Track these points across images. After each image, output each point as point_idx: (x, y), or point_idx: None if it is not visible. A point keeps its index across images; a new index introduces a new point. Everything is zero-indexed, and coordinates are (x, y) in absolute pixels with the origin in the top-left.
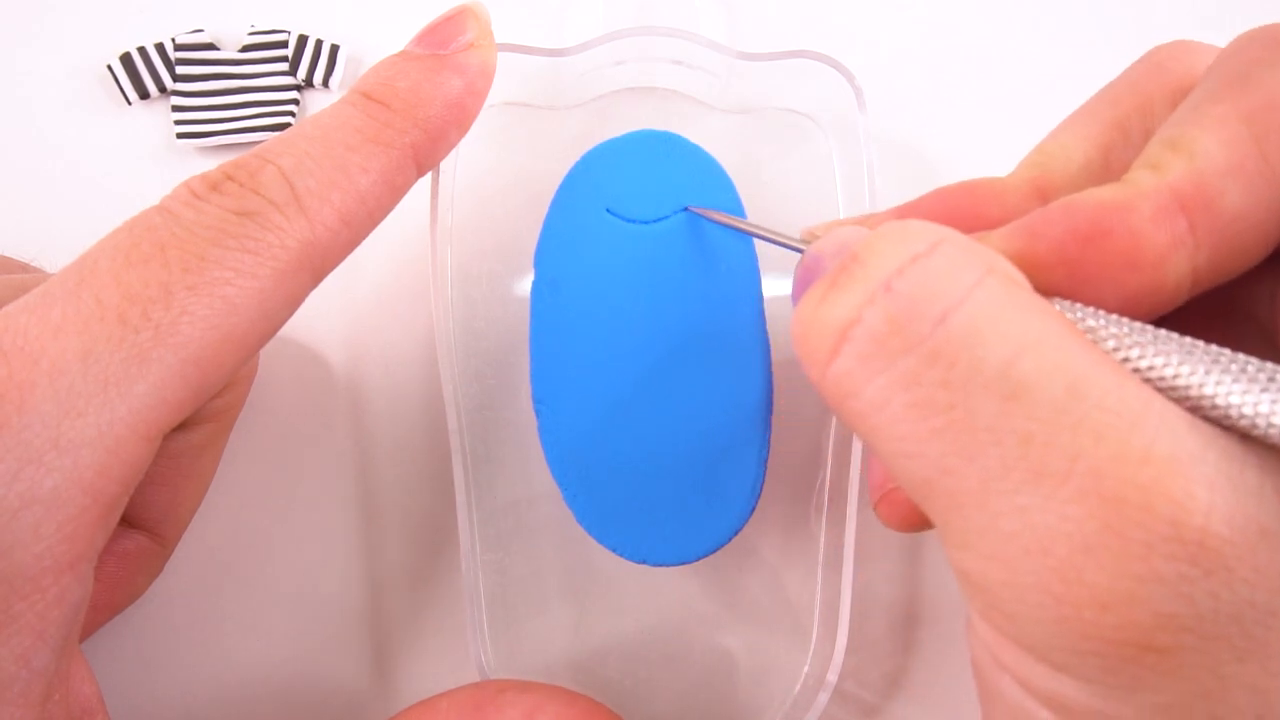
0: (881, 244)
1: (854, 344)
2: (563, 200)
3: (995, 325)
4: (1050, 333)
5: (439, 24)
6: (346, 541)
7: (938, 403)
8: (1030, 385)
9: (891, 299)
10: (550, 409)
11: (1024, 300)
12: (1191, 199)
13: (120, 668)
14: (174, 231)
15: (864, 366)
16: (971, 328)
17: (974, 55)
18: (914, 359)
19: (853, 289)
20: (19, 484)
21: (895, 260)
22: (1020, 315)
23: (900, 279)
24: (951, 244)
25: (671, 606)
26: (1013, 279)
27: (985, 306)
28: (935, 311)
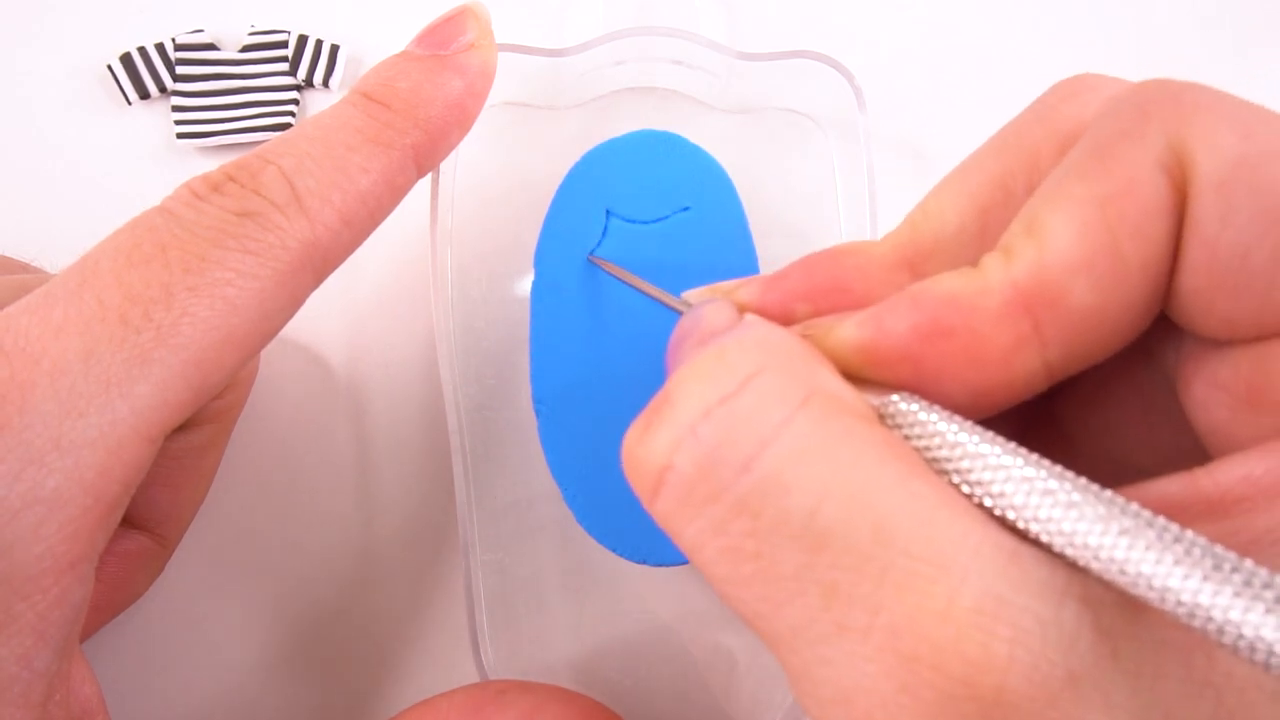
0: (690, 384)
1: (669, 489)
2: (563, 200)
3: (799, 470)
4: (861, 469)
5: (439, 24)
6: (346, 541)
7: (745, 551)
8: (835, 533)
9: (697, 445)
10: (550, 409)
11: (837, 433)
12: (1035, 297)
13: (120, 668)
14: (175, 232)
15: (680, 510)
16: (774, 476)
17: (974, 55)
18: (721, 508)
19: (663, 431)
20: (20, 484)
21: (702, 402)
22: (829, 453)
23: (705, 423)
24: (767, 375)
25: (671, 606)
26: (831, 405)
27: (791, 450)
28: (739, 458)
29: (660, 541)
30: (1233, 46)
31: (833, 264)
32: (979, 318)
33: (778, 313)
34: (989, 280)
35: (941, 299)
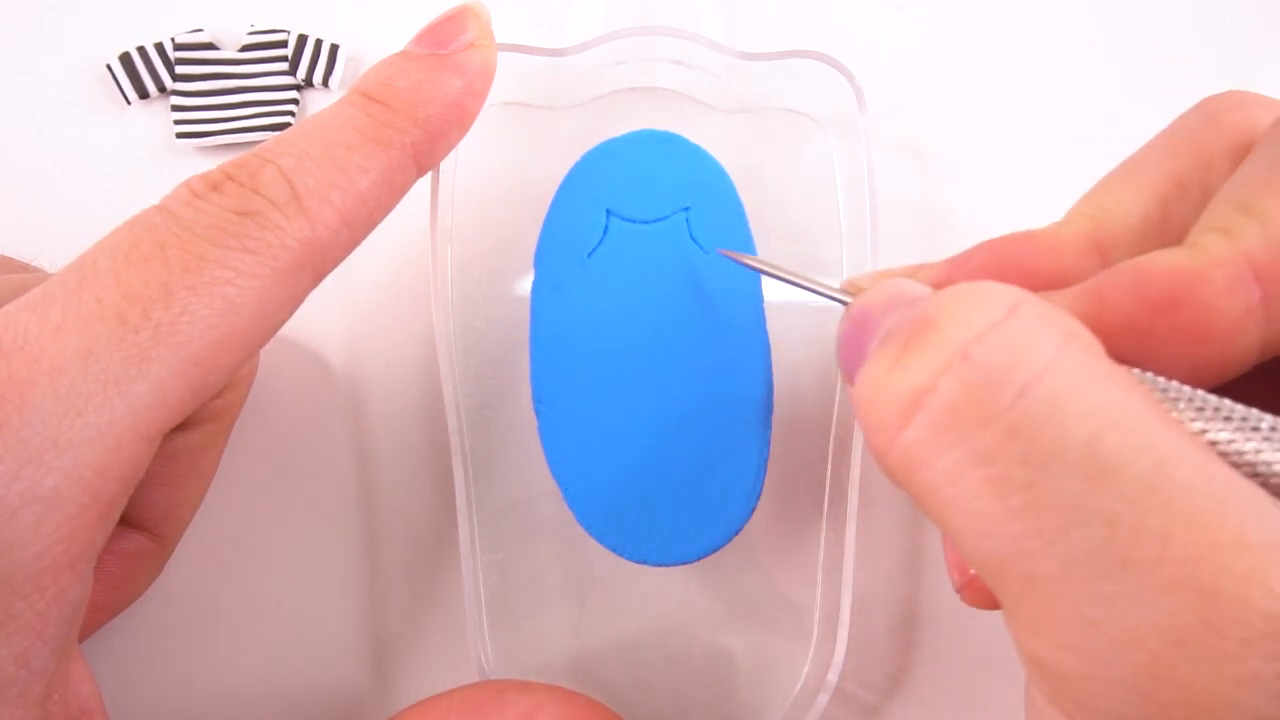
0: (957, 308)
1: (927, 414)
2: (563, 200)
3: (1078, 399)
4: (1134, 407)
5: (439, 24)
6: (346, 541)
7: (1016, 480)
8: (1116, 463)
9: (969, 368)
10: (550, 409)
11: (1105, 371)
12: (1267, 269)
13: (120, 668)
14: (174, 231)
15: (937, 438)
16: (1053, 401)
17: (974, 55)
18: (992, 433)
19: (927, 355)
20: (19, 483)
21: (973, 326)
22: (1103, 388)
23: (978, 346)
24: (1029, 309)
25: (671, 606)
26: (1092, 347)
27: (1067, 378)
28: (1015, 383)
29: (660, 541)
30: (1233, 46)
31: (1021, 246)
32: (1211, 289)
33: None
34: (1216, 253)
35: (1171, 270)
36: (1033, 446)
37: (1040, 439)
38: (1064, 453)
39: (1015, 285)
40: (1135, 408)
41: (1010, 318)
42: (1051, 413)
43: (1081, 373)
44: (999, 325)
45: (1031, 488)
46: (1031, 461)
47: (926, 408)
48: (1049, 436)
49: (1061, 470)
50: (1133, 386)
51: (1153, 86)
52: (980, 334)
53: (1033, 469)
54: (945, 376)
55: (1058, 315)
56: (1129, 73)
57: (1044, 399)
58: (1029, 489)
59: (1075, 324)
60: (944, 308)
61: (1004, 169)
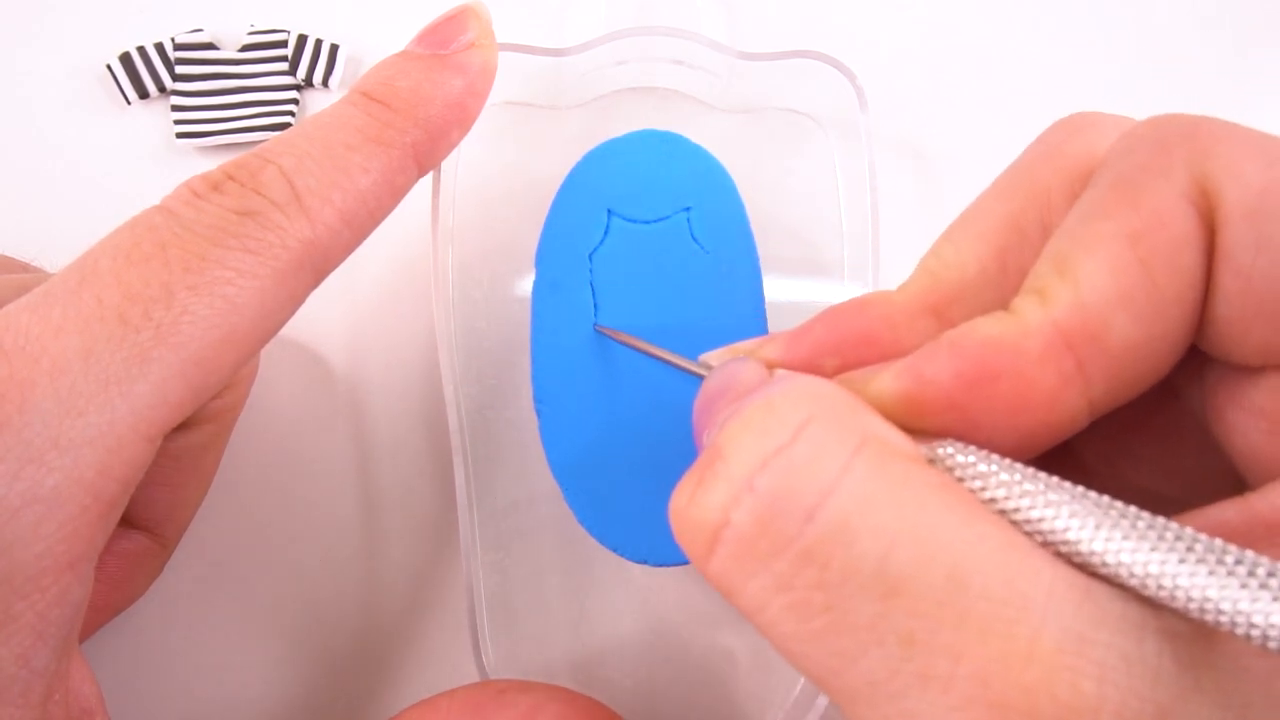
0: (742, 437)
1: (726, 546)
2: (564, 200)
3: (866, 516)
4: (927, 512)
5: (440, 24)
6: (346, 541)
7: (814, 605)
8: (908, 579)
9: (756, 498)
10: (551, 409)
11: (897, 476)
12: (1078, 335)
13: (120, 668)
14: (175, 231)
15: (740, 568)
16: (841, 523)
17: (975, 55)
18: (785, 561)
19: (717, 488)
20: (20, 483)
21: (757, 454)
22: (893, 498)
23: (763, 475)
24: (818, 423)
25: (671, 606)
26: (886, 449)
27: (854, 496)
28: (802, 509)
29: (660, 541)
30: (1233, 46)
31: (856, 315)
32: (1024, 360)
33: (805, 368)
34: (1029, 322)
35: (983, 343)
36: (826, 571)
37: (832, 563)
38: (857, 574)
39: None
40: (930, 514)
41: (795, 440)
42: (840, 535)
43: (870, 487)
44: (784, 450)
45: (830, 610)
46: (826, 586)
47: (724, 540)
48: (840, 559)
49: (856, 592)
50: (930, 487)
51: (1153, 86)
52: (765, 461)
53: (829, 593)
54: (736, 509)
55: (854, 419)
56: (1129, 72)
57: (831, 521)
58: (828, 612)
59: (873, 423)
60: (732, 438)
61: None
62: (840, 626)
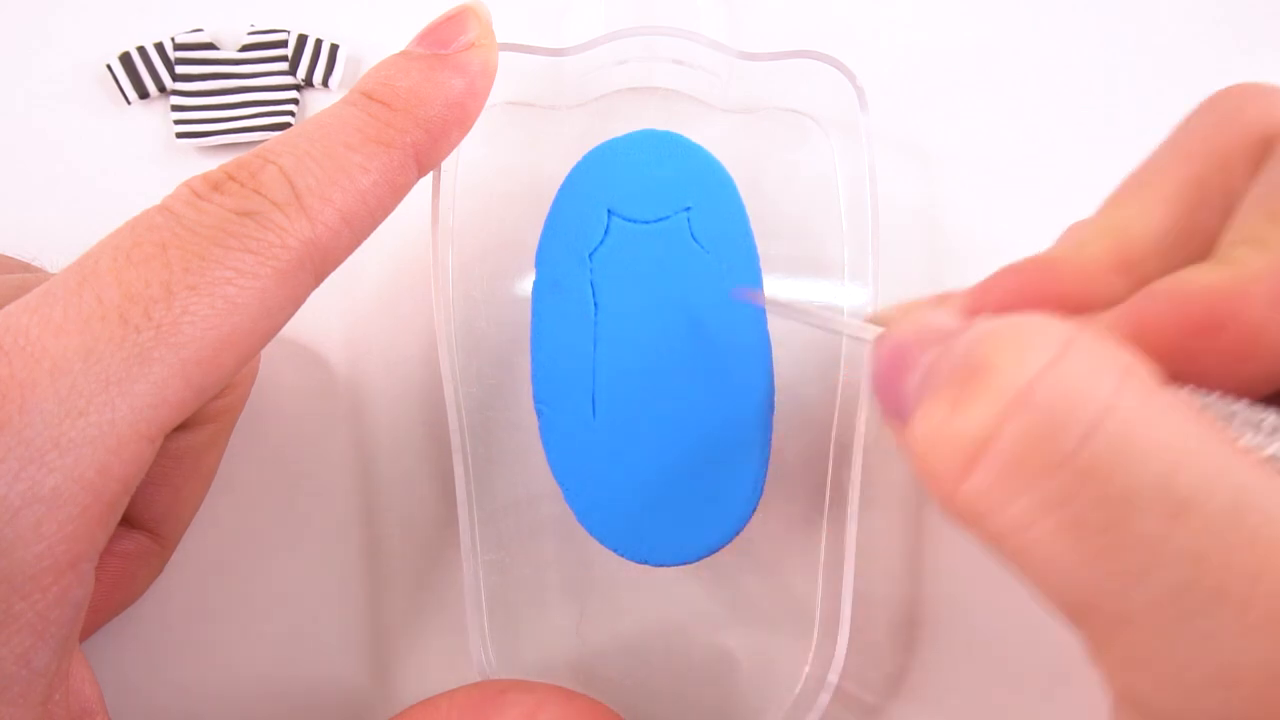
0: (1009, 350)
1: (992, 461)
2: (564, 200)
3: (1146, 436)
4: (1203, 439)
5: (440, 23)
6: (346, 541)
7: (1094, 523)
8: (1194, 500)
9: (1031, 412)
10: (551, 409)
11: (1168, 403)
12: None
13: (120, 668)
14: (175, 231)
15: (1005, 485)
16: (1122, 441)
17: (976, 55)
18: (1063, 477)
19: (986, 400)
20: (20, 483)
21: (1029, 367)
22: (1169, 422)
23: (1037, 389)
24: (1083, 344)
25: (671, 606)
26: (1150, 379)
27: (1131, 415)
28: (1081, 424)
29: (660, 541)
30: (1235, 45)
31: (1043, 271)
32: (1253, 306)
33: None
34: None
35: (1206, 291)
36: (1107, 488)
37: (1114, 480)
38: (1140, 492)
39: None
40: (1204, 439)
41: (1066, 355)
42: (1121, 452)
43: (1145, 408)
44: (1055, 364)
45: (1111, 530)
46: (1108, 503)
47: (991, 454)
48: (1122, 477)
49: (1139, 510)
50: (1196, 417)
51: (1155, 85)
52: (1039, 375)
53: (1110, 511)
54: (1007, 423)
55: (1111, 348)
56: (1131, 71)
57: (1112, 439)
58: (1108, 531)
59: (1129, 355)
60: (997, 349)
61: (1006, 169)
62: (1122, 545)
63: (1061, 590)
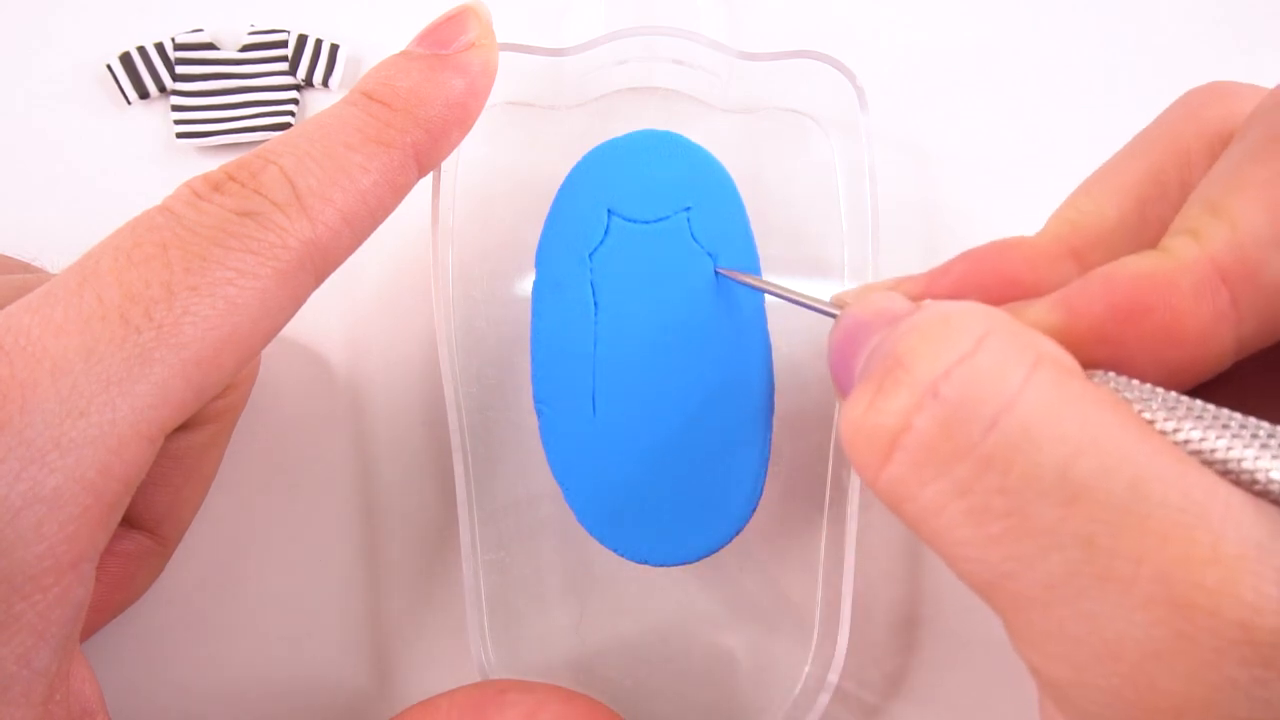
0: (925, 344)
1: (905, 451)
2: (564, 200)
3: (1049, 425)
4: (1106, 426)
5: (440, 24)
6: (346, 541)
7: (995, 509)
8: (1090, 486)
9: (940, 404)
10: (551, 409)
11: (1076, 391)
12: (1234, 271)
13: (120, 668)
14: (176, 231)
15: (917, 473)
16: (1024, 430)
17: (976, 55)
18: (967, 466)
19: (899, 394)
20: (21, 483)
21: (941, 361)
22: (1073, 410)
23: (947, 382)
24: (997, 336)
25: (671, 606)
26: (1062, 366)
27: (1037, 405)
28: (986, 415)
29: (660, 541)
30: (1235, 46)
31: (998, 256)
32: (1178, 294)
33: None
34: (1183, 257)
35: (1137, 277)
36: (1008, 477)
37: (1014, 469)
38: (1039, 480)
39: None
40: (1108, 427)
41: (978, 349)
42: (1023, 442)
43: (1051, 398)
44: (967, 358)
45: (1010, 515)
46: (1008, 491)
47: (904, 446)
48: (1022, 465)
49: (1037, 497)
50: (1106, 404)
51: (1155, 85)
52: (949, 369)
53: (1010, 498)
54: (918, 414)
55: (1027, 337)
56: (1131, 71)
57: (1015, 429)
58: (1008, 517)
59: (1045, 344)
60: (912, 346)
61: (1006, 169)
62: (1020, 531)
63: (970, 571)
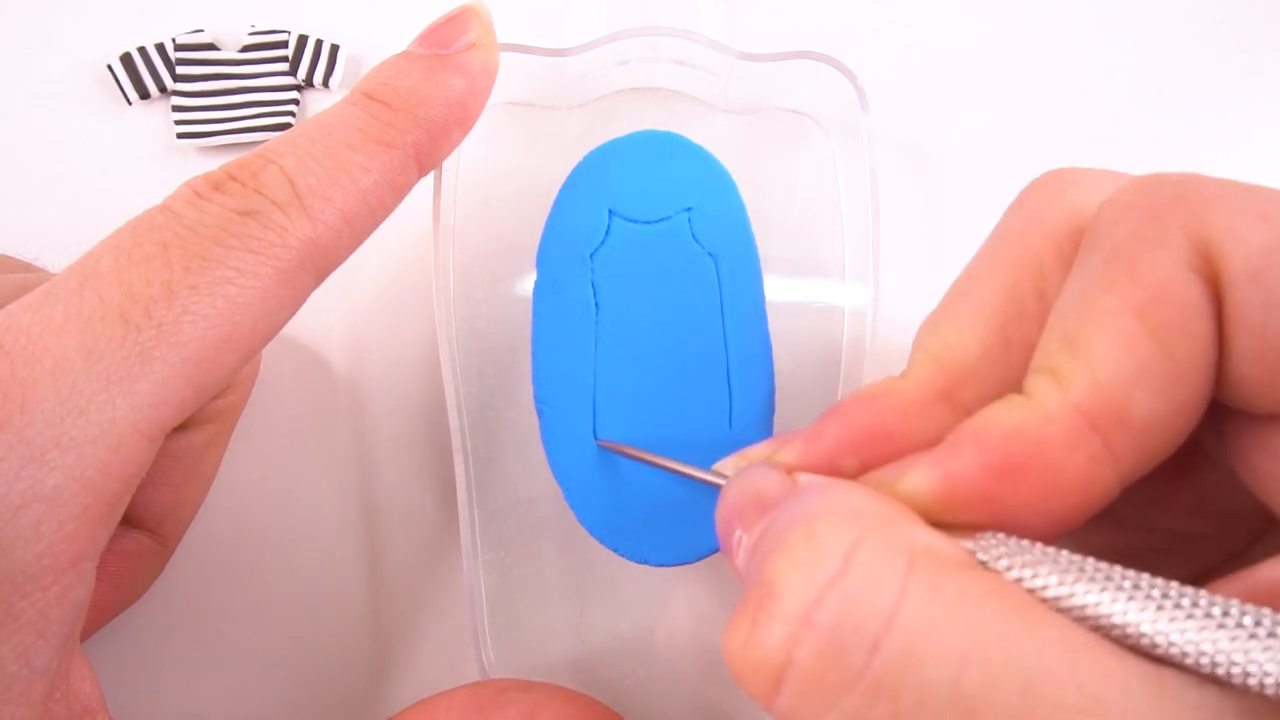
0: (793, 571)
1: (791, 685)
2: (565, 200)
3: (930, 640)
4: (989, 626)
5: (441, 24)
6: (347, 541)
7: None
8: (983, 699)
9: (817, 634)
10: (552, 409)
11: (955, 592)
12: (1100, 416)
13: (120, 668)
14: (176, 231)
15: (808, 705)
16: (907, 649)
17: (976, 55)
18: (856, 696)
19: (773, 629)
20: (21, 482)
21: (810, 589)
22: (954, 617)
23: (820, 610)
24: (865, 545)
25: (671, 606)
26: (938, 563)
27: (916, 619)
28: (866, 639)
29: (660, 541)
30: (1235, 46)
31: (867, 410)
32: (1050, 448)
33: (824, 470)
34: (1048, 407)
35: (1006, 435)
36: (898, 702)
37: (904, 693)
38: (930, 702)
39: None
40: (992, 629)
41: (847, 568)
42: (907, 663)
43: (929, 606)
44: (837, 580)
45: None
46: (901, 716)
47: (789, 680)
48: (911, 688)
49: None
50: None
51: (1155, 85)
52: (820, 596)
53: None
54: (797, 648)
55: (899, 536)
56: (1131, 71)
57: (897, 650)
58: None
59: (919, 536)
60: (781, 572)
61: (1006, 169)
62: None
63: None
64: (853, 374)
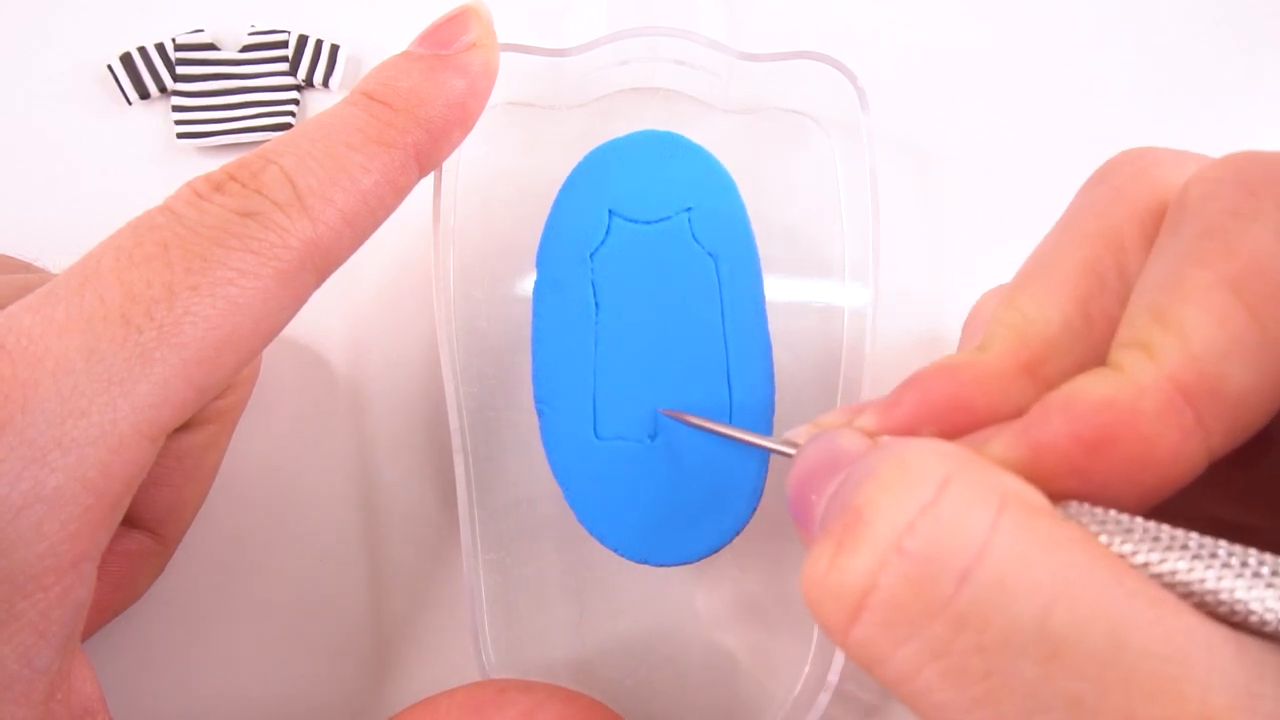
0: (885, 495)
1: (873, 612)
2: (565, 200)
3: (1020, 575)
4: (1078, 568)
5: (441, 24)
6: (347, 541)
7: (974, 670)
8: (1069, 639)
9: (906, 560)
10: (552, 409)
11: (1045, 534)
12: (1195, 389)
13: (121, 668)
14: (177, 231)
15: (889, 634)
16: (997, 583)
17: (976, 56)
18: (942, 624)
19: (861, 552)
20: (22, 483)
21: (903, 515)
22: (1045, 556)
23: (911, 536)
24: (958, 480)
25: (671, 606)
26: (1028, 507)
27: (1006, 555)
28: (956, 569)
29: (660, 541)
30: (1235, 46)
31: (948, 381)
32: (1144, 420)
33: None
34: (1141, 380)
35: (1098, 406)
36: (984, 634)
37: (990, 625)
38: (1016, 636)
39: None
40: (1080, 570)
41: (940, 498)
42: (997, 596)
43: (1021, 544)
44: (930, 508)
45: (990, 676)
46: (985, 649)
47: (871, 606)
48: (998, 621)
49: (1016, 655)
50: (1076, 543)
51: (1155, 85)
52: (911, 522)
53: (988, 657)
54: (884, 572)
55: (990, 477)
56: (1131, 71)
57: (987, 582)
58: (987, 678)
59: (1009, 481)
60: (871, 497)
61: (1006, 170)
62: (1002, 692)
63: None
64: (853, 374)
